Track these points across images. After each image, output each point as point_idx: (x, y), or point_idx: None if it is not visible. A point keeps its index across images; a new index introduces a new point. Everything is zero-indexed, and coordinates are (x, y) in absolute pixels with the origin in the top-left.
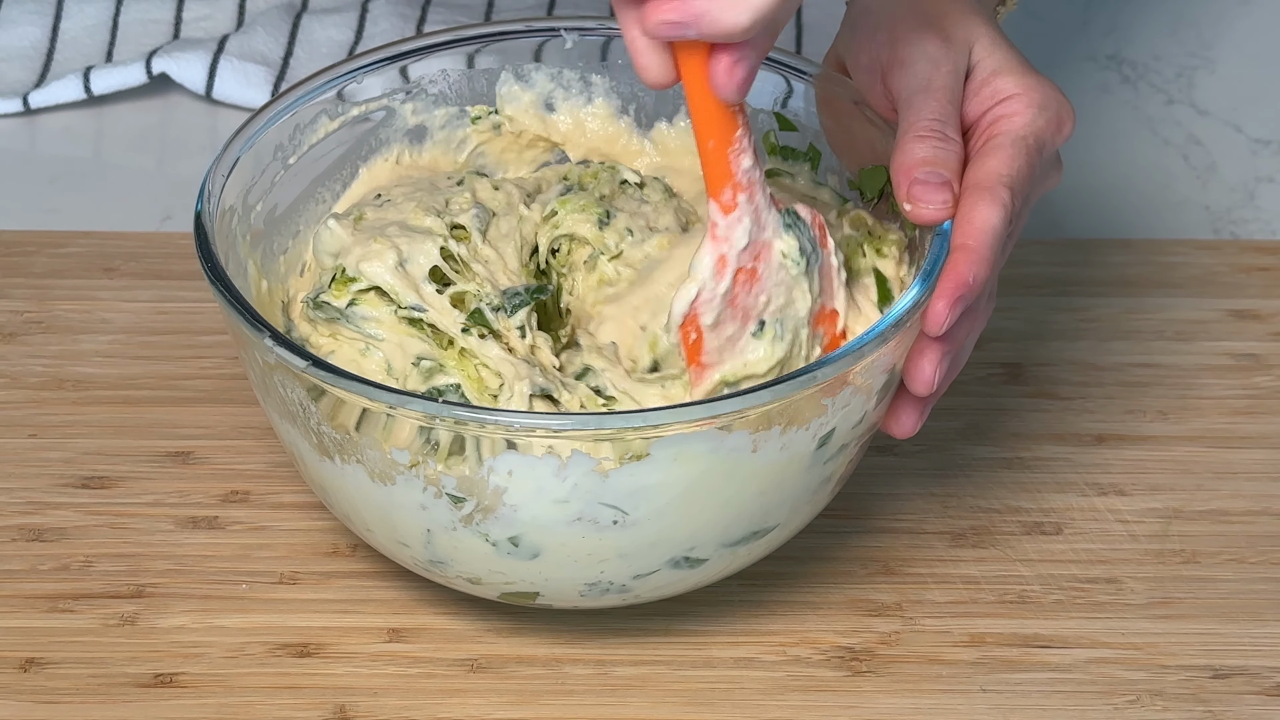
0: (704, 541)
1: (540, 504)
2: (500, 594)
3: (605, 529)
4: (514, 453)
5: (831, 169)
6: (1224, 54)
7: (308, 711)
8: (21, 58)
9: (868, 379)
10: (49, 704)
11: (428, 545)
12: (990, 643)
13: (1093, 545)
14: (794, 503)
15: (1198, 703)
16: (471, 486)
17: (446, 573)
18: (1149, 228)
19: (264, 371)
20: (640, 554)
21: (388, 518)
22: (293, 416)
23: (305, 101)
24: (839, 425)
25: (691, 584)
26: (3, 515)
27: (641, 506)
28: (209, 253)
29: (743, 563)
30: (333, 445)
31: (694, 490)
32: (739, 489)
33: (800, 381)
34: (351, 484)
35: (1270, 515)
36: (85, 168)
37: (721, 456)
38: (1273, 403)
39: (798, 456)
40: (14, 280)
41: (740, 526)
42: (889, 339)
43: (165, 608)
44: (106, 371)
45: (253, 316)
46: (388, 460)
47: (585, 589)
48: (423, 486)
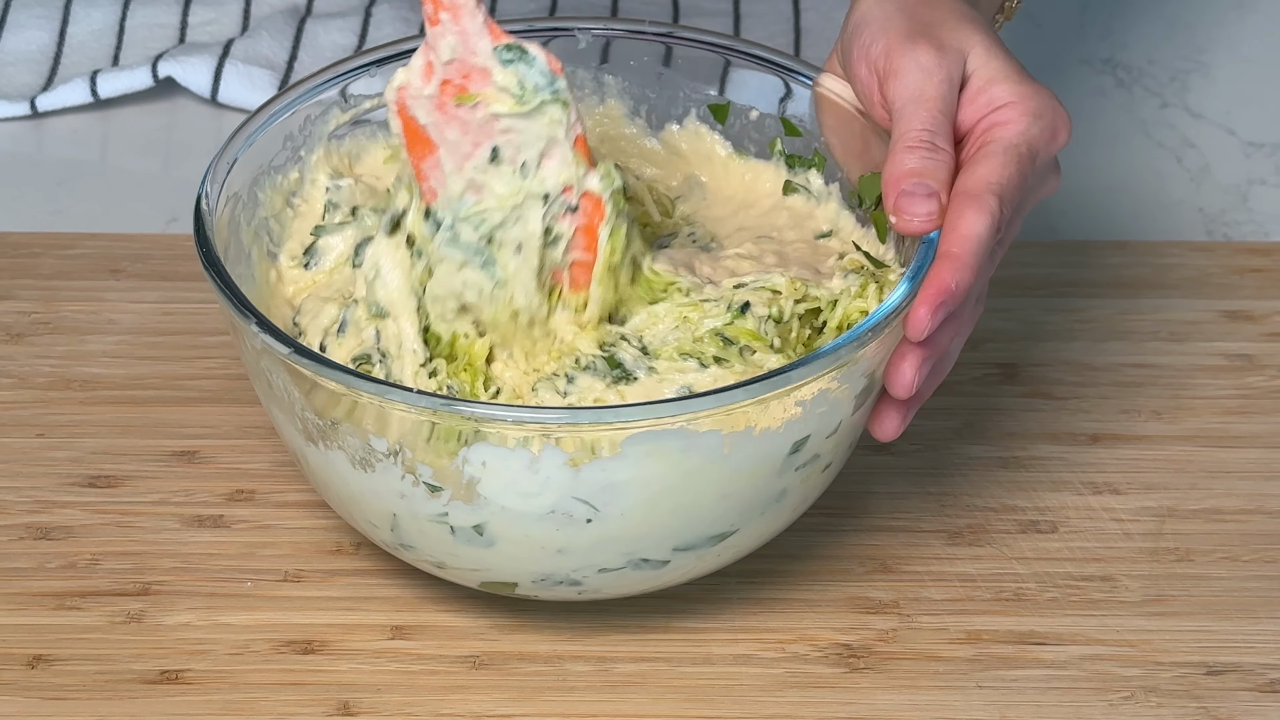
0: (667, 541)
1: (512, 496)
2: (480, 583)
3: (576, 524)
4: (488, 444)
5: (834, 176)
6: (1217, 58)
7: (312, 708)
8: (29, 62)
9: (845, 382)
10: (56, 700)
11: (394, 530)
12: (986, 640)
13: (1088, 543)
14: (759, 508)
15: (1192, 699)
16: (446, 476)
17: (417, 556)
18: (1143, 229)
19: (254, 357)
20: (605, 550)
21: (364, 502)
22: (280, 403)
23: (309, 98)
24: (814, 430)
25: (653, 584)
26: (10, 514)
27: (612, 503)
28: (204, 238)
29: (710, 566)
30: (316, 431)
31: (664, 489)
32: (706, 490)
33: (773, 382)
34: (334, 470)
35: (1263, 514)
36: (92, 170)
37: (692, 456)
38: (1266, 402)
39: (769, 460)
40: (21, 281)
41: (703, 529)
42: (867, 343)
43: (171, 605)
44: (113, 372)
45: (241, 301)
46: (367, 448)
47: (540, 579)
48: (400, 475)
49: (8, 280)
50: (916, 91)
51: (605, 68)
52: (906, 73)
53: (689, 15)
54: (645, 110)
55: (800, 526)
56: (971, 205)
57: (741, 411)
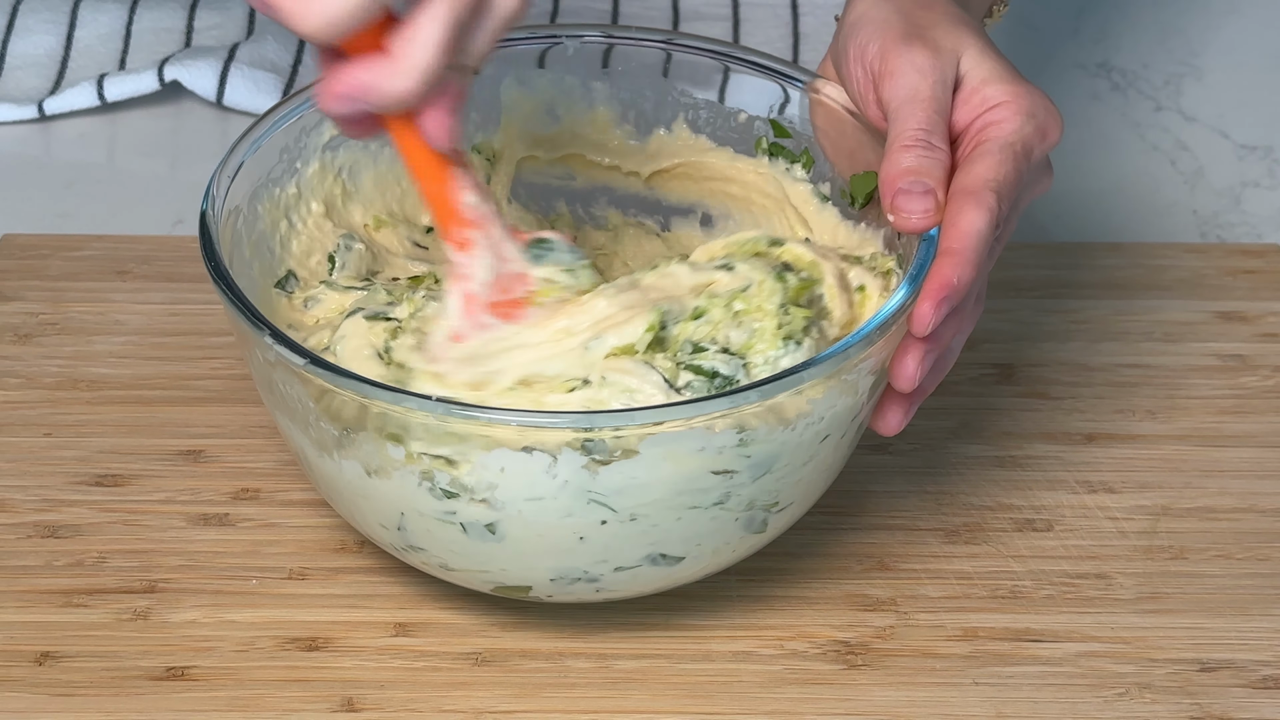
0: (687, 541)
1: (530, 499)
2: (494, 587)
3: (593, 525)
4: (505, 449)
5: (824, 175)
6: (1211, 62)
7: (316, 704)
8: (37, 65)
9: (853, 377)
10: (63, 696)
11: (402, 531)
12: (983, 637)
13: (1083, 542)
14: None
15: (1185, 695)
16: (464, 481)
17: (426, 560)
18: (1138, 231)
19: (264, 368)
20: (622, 550)
21: (379, 509)
22: (292, 413)
23: (312, 105)
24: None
25: (671, 582)
26: (19, 512)
27: (629, 503)
28: (212, 252)
29: (725, 561)
30: (330, 441)
31: (682, 489)
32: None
33: (785, 382)
34: (348, 478)
35: (1256, 512)
36: (99, 173)
37: (709, 455)
38: (1258, 402)
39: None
40: (29, 283)
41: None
42: (874, 341)
43: (177, 603)
44: (119, 372)
45: (253, 314)
46: (384, 455)
47: (556, 577)
48: (417, 481)
49: (16, 281)
50: (911, 92)
51: (595, 73)
52: (902, 73)
53: (689, 21)
54: (634, 116)
55: (799, 525)
56: (970, 202)
57: (753, 411)
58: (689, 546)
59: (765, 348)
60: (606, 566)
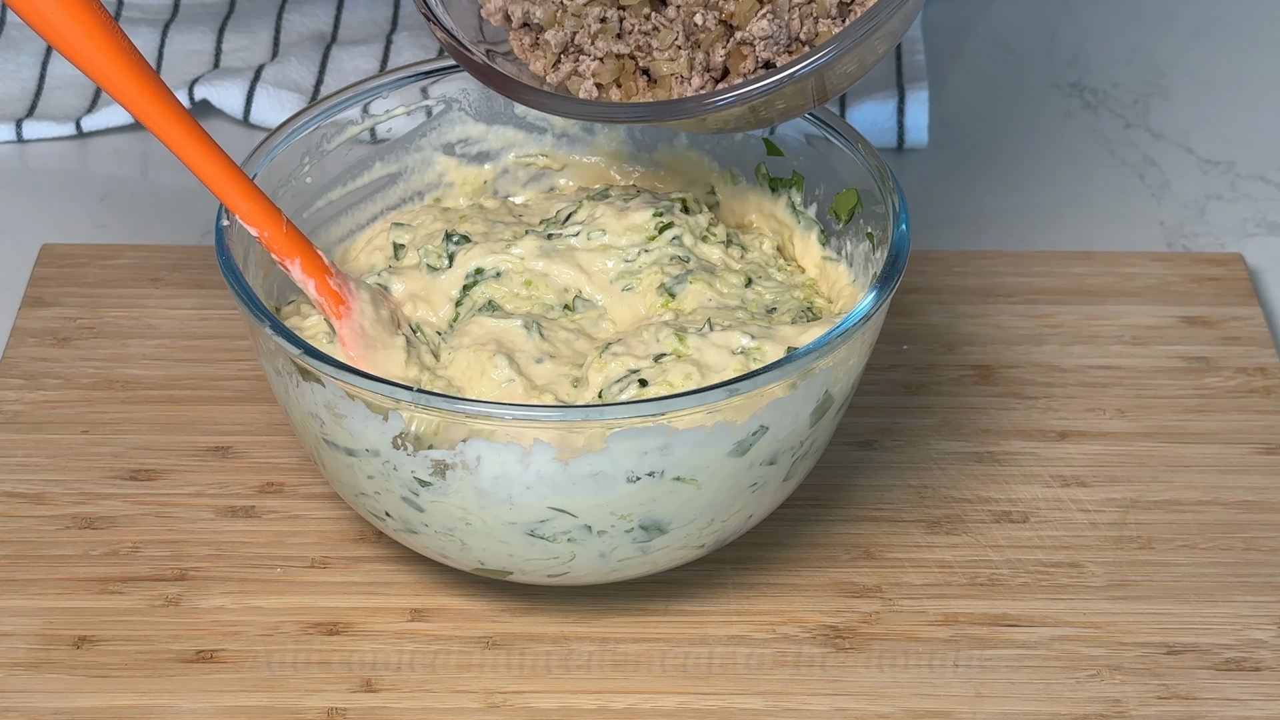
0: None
1: (504, 487)
2: (473, 567)
3: (566, 516)
4: (482, 439)
5: (814, 196)
6: (1177, 83)
7: (336, 684)
8: (75, 85)
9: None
10: (99, 678)
11: (392, 517)
12: (963, 622)
13: (1057, 532)
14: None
15: (1153, 677)
16: (443, 469)
17: (422, 544)
18: (1108, 241)
19: (269, 359)
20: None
21: (363, 489)
22: (295, 403)
23: (325, 118)
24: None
25: (645, 568)
26: (57, 505)
27: (596, 493)
28: (223, 248)
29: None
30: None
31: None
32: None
33: (751, 383)
34: (341, 463)
35: (1219, 505)
36: (133, 186)
37: (674, 450)
38: (1221, 401)
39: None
40: (68, 289)
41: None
42: (837, 347)
43: (206, 590)
44: (152, 373)
45: (256, 306)
46: (370, 440)
47: (528, 561)
48: (395, 466)
49: (55, 288)
50: None
51: None
52: None
53: None
54: (639, 129)
55: (789, 516)
56: None
57: (714, 410)
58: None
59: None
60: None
